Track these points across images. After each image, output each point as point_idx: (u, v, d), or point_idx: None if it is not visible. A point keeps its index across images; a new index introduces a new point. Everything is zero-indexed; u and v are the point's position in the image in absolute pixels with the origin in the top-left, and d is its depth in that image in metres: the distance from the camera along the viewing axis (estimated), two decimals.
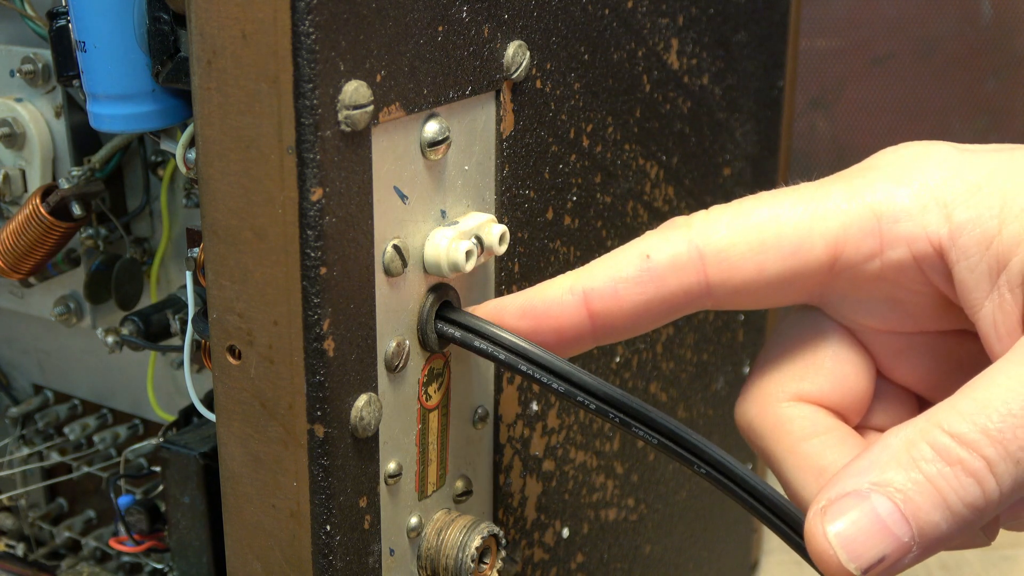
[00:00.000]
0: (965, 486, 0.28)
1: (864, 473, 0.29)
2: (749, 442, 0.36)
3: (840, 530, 0.29)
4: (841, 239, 0.32)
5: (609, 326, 0.33)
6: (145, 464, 0.52)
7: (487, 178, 0.39)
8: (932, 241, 0.31)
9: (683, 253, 0.32)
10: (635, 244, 0.33)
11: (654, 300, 0.32)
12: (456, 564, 0.39)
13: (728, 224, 0.32)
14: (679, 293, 0.32)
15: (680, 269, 0.32)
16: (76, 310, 0.50)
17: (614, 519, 0.51)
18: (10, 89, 0.46)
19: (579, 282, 0.33)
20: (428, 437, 0.39)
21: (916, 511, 0.29)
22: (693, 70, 0.50)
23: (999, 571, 0.73)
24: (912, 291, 0.33)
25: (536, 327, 0.33)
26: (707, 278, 0.32)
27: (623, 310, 0.33)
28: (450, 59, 0.35)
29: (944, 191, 0.31)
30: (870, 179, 0.32)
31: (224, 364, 0.35)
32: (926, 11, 0.93)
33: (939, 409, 0.29)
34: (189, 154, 0.39)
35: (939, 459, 0.29)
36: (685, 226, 0.33)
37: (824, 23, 0.93)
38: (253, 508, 0.36)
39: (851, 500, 0.29)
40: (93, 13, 0.37)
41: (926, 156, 0.32)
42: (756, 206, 0.33)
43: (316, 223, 0.32)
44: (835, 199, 0.32)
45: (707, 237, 0.32)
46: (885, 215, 0.32)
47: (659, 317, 0.33)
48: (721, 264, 0.32)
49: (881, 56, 0.94)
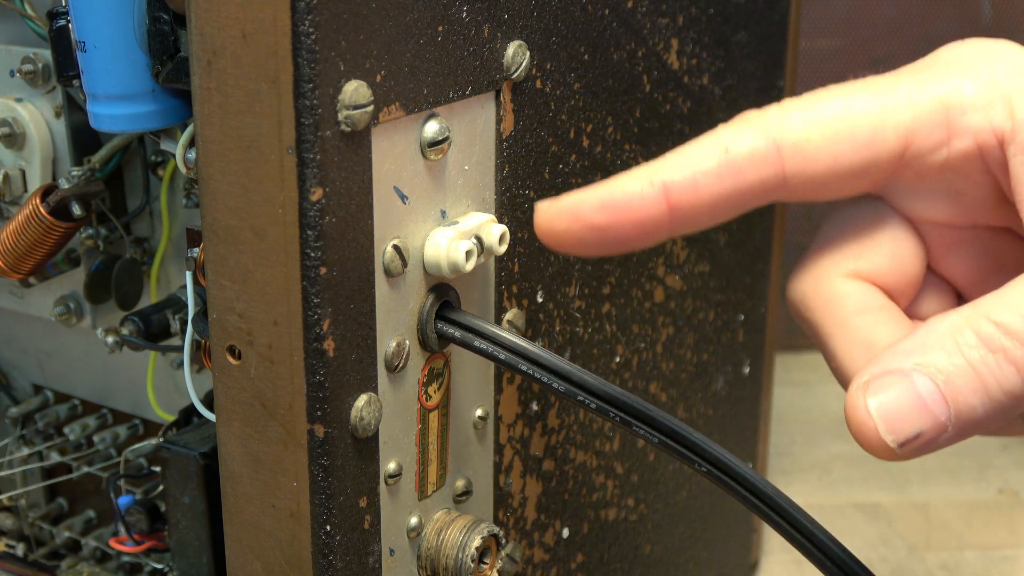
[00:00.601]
0: (1006, 374, 0.30)
1: (909, 354, 0.30)
2: (798, 316, 0.37)
3: (881, 403, 0.30)
4: (912, 130, 0.33)
5: (686, 217, 0.34)
6: (145, 464, 0.52)
7: (487, 178, 0.39)
8: (996, 133, 0.32)
9: (761, 146, 0.33)
10: (712, 137, 0.34)
11: (732, 192, 0.33)
12: (456, 564, 0.39)
13: (803, 117, 0.33)
14: (756, 184, 0.33)
15: (759, 161, 0.33)
16: (76, 310, 0.50)
17: (614, 519, 0.51)
18: (10, 89, 0.46)
19: (658, 175, 0.33)
20: (428, 437, 0.39)
21: (956, 393, 0.30)
22: (693, 70, 0.50)
23: (999, 571, 0.73)
24: (972, 182, 0.34)
25: (616, 220, 0.34)
26: (784, 170, 0.33)
27: (702, 201, 0.33)
28: (450, 59, 0.35)
29: (1009, 86, 0.32)
30: (938, 72, 0.33)
31: (224, 364, 0.35)
32: (926, 11, 0.93)
33: (985, 300, 0.31)
34: (189, 154, 0.39)
35: (983, 346, 0.30)
36: (761, 119, 0.34)
37: (824, 23, 0.93)
38: (253, 508, 0.36)
39: (894, 377, 0.30)
40: (93, 13, 0.37)
41: (992, 51, 0.34)
42: (829, 98, 0.34)
43: (316, 223, 0.32)
44: (905, 91, 0.33)
45: (783, 130, 0.33)
46: (953, 106, 0.33)
47: (735, 208, 0.34)
48: (797, 156, 0.33)
49: (881, 56, 0.94)
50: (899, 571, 0.72)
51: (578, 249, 0.35)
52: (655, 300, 0.51)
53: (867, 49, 0.94)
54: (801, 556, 0.34)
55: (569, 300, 0.45)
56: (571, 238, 0.34)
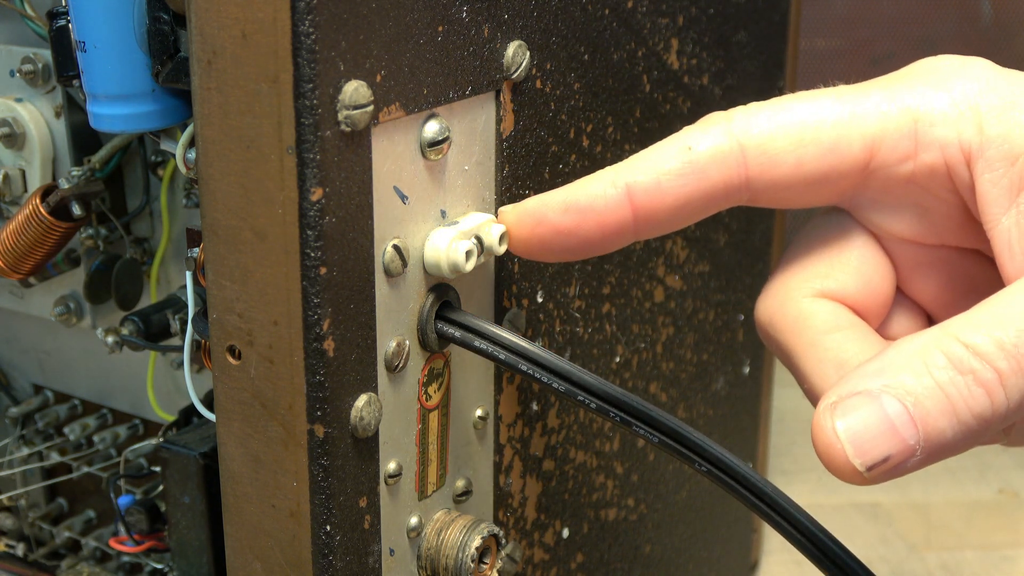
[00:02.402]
0: (975, 396, 0.29)
1: (877, 375, 0.30)
2: (767, 339, 0.36)
3: (849, 426, 0.29)
4: (879, 138, 0.33)
5: (651, 220, 0.33)
6: (145, 464, 0.52)
7: (487, 178, 0.39)
8: (963, 148, 0.32)
9: (724, 145, 0.33)
10: (676, 137, 0.33)
11: (695, 193, 0.33)
12: (456, 564, 0.39)
13: (768, 118, 0.33)
14: (720, 185, 0.33)
15: (722, 161, 0.33)
16: (76, 310, 0.50)
17: (614, 519, 0.51)
18: (10, 89, 0.46)
19: (621, 176, 0.33)
20: (428, 437, 0.39)
21: (925, 416, 0.29)
22: (693, 70, 0.50)
23: (999, 571, 0.73)
24: (939, 199, 0.34)
25: (579, 222, 0.33)
26: (747, 171, 0.33)
27: (666, 203, 0.33)
28: (450, 59, 0.35)
29: (980, 101, 0.32)
30: (909, 83, 0.33)
31: (224, 364, 0.35)
32: (926, 11, 0.93)
33: (956, 321, 0.30)
34: (189, 154, 0.39)
35: (952, 367, 0.29)
36: (725, 119, 0.33)
37: (824, 23, 0.93)
38: (253, 508, 0.36)
39: (862, 399, 0.29)
40: (93, 13, 0.37)
41: (965, 67, 0.33)
42: (795, 102, 0.33)
43: (316, 223, 0.32)
44: (874, 100, 0.33)
45: (748, 130, 0.33)
46: (922, 118, 0.32)
47: (698, 211, 0.34)
48: (761, 157, 0.33)
49: (881, 56, 0.94)
50: (899, 571, 0.72)
51: (543, 254, 0.35)
52: (655, 300, 0.51)
53: (867, 49, 0.94)
54: (801, 556, 0.34)
55: (569, 300, 0.45)
56: (536, 242, 0.34)
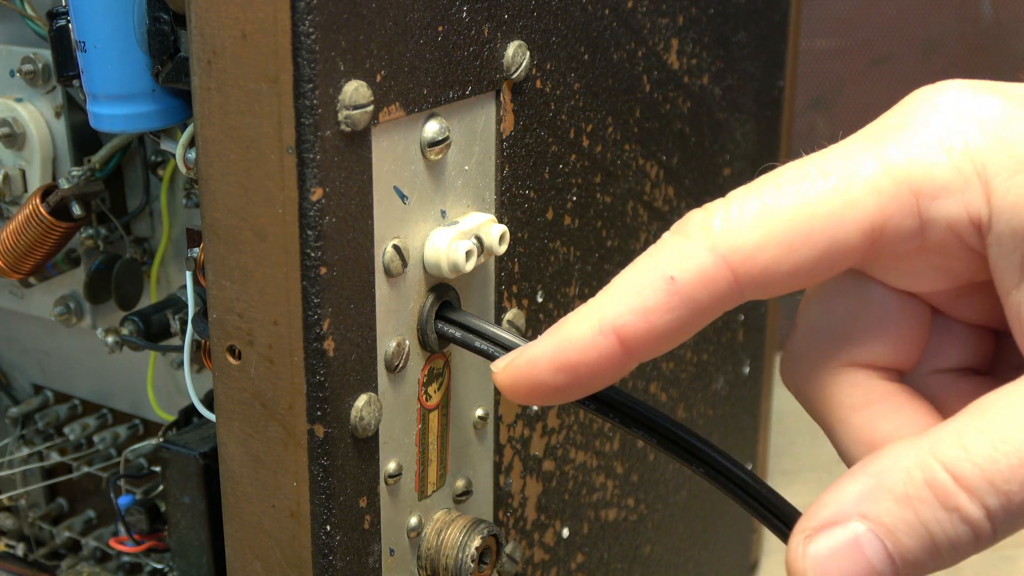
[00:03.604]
0: (959, 533, 0.27)
1: (857, 501, 0.28)
2: (799, 402, 0.35)
3: (822, 560, 0.28)
4: (878, 224, 0.30)
5: (645, 350, 0.31)
6: (145, 464, 0.52)
7: (487, 178, 0.39)
8: (973, 220, 0.29)
9: (710, 268, 0.30)
10: (655, 264, 0.31)
11: (689, 319, 0.31)
12: (456, 564, 0.39)
13: (752, 223, 0.30)
14: (713, 305, 0.31)
15: (710, 285, 0.30)
16: (76, 310, 0.50)
17: (614, 519, 0.51)
18: (10, 89, 0.46)
19: (607, 318, 0.31)
20: (428, 437, 0.39)
21: (904, 553, 0.28)
22: (693, 70, 0.50)
23: (999, 571, 0.73)
24: (957, 257, 0.31)
25: (575, 378, 0.31)
26: (738, 284, 0.30)
27: (658, 335, 0.31)
28: (450, 59, 0.35)
29: (985, 157, 0.29)
30: (903, 143, 0.30)
31: (224, 364, 0.35)
32: (926, 11, 0.93)
33: (943, 438, 0.28)
34: (189, 154, 0.39)
35: (936, 502, 0.27)
36: (704, 232, 0.30)
37: (824, 23, 0.93)
38: (253, 508, 0.36)
39: (839, 531, 0.28)
40: (93, 13, 0.37)
41: (963, 107, 0.30)
42: (779, 195, 0.30)
43: (316, 223, 0.32)
44: (866, 174, 0.30)
45: (731, 243, 0.30)
46: (923, 192, 0.29)
47: (694, 327, 0.31)
48: (751, 269, 0.30)
49: (881, 56, 0.94)
50: None
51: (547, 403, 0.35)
52: None
53: (867, 49, 0.94)
54: None
55: (569, 300, 0.45)
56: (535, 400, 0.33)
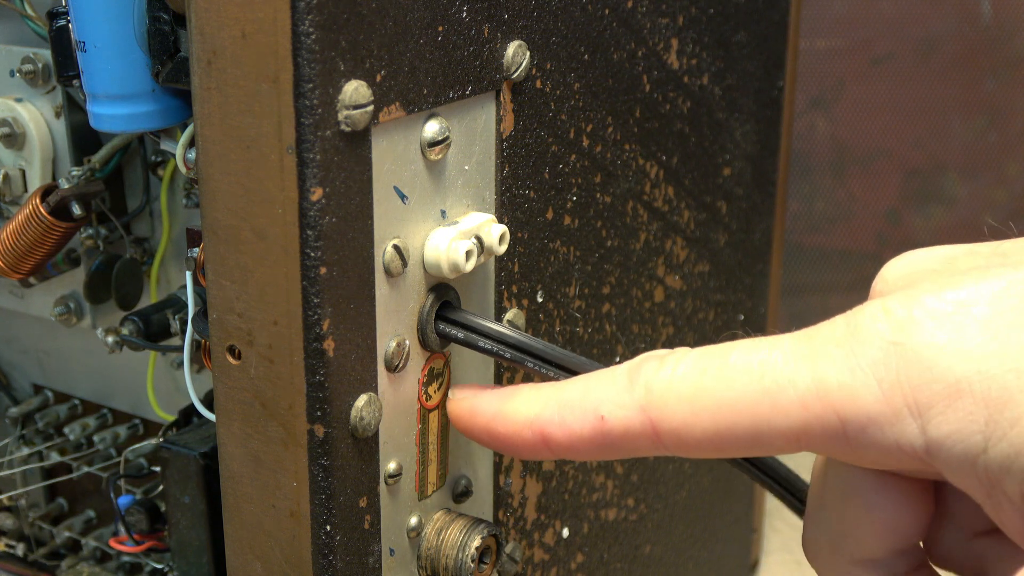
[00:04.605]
0: None
1: None
2: None
3: None
4: (804, 438, 0.29)
5: (566, 456, 0.34)
6: (145, 464, 0.52)
7: (487, 178, 0.39)
8: (906, 451, 0.28)
9: (636, 424, 0.31)
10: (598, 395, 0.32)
11: (605, 450, 0.33)
12: (456, 564, 0.39)
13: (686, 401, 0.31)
14: (631, 449, 0.32)
15: (632, 437, 0.32)
16: (76, 310, 0.50)
17: (614, 519, 0.51)
18: (10, 89, 0.46)
19: (541, 418, 0.33)
20: (428, 437, 0.39)
21: None
22: (693, 70, 0.50)
23: None
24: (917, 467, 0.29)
25: (501, 447, 0.34)
26: (661, 443, 0.31)
27: (577, 452, 0.33)
28: (450, 59, 0.35)
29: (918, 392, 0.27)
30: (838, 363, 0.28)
31: (224, 364, 0.35)
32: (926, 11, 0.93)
33: None
34: (189, 154, 0.39)
35: None
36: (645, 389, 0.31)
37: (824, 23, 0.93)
38: (253, 508, 0.36)
39: None
40: (93, 13, 0.37)
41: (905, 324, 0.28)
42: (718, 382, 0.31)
43: (316, 223, 0.32)
44: (800, 388, 0.29)
45: (661, 412, 0.31)
46: (851, 421, 0.28)
47: (613, 456, 0.33)
48: (675, 439, 0.31)
49: (881, 56, 0.94)
50: None
51: None
52: (655, 300, 0.51)
53: (867, 49, 0.94)
54: (801, 556, 0.34)
55: (569, 300, 0.45)
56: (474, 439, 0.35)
